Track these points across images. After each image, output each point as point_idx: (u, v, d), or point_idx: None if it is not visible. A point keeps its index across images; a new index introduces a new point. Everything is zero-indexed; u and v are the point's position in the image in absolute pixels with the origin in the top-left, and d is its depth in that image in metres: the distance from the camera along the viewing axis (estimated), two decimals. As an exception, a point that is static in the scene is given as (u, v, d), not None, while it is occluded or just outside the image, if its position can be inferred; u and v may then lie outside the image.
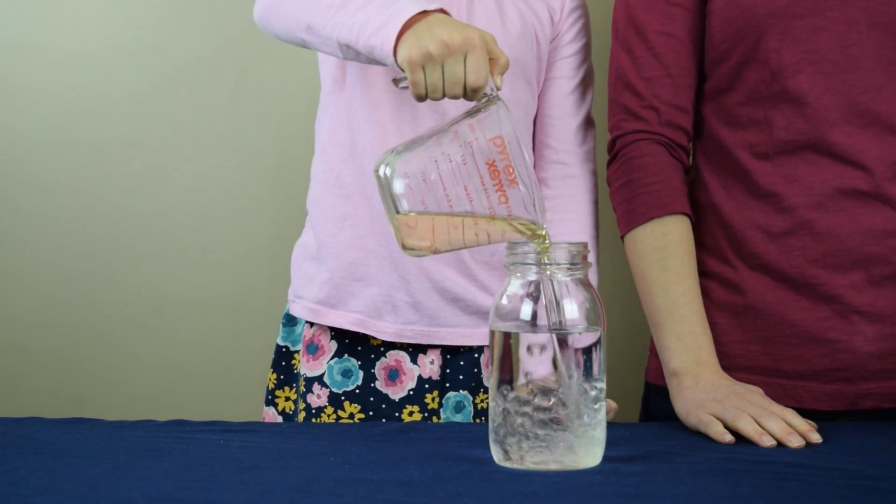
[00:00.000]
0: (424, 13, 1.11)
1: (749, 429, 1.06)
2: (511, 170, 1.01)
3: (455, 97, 1.09)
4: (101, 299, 1.84)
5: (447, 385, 1.37)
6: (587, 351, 0.95)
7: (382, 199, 1.05)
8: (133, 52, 1.83)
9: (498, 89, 1.08)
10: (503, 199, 1.01)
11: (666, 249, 1.24)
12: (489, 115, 1.04)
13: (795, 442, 1.04)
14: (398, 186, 1.02)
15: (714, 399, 1.12)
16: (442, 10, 1.12)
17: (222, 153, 1.82)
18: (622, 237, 1.30)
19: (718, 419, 1.09)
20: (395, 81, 1.12)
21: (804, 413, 1.13)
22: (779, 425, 1.06)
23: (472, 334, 1.36)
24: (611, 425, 1.03)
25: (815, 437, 1.05)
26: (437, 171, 1.02)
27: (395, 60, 1.10)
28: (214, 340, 1.84)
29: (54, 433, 1.10)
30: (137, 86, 1.83)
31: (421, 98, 1.10)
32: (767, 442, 1.04)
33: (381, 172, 1.03)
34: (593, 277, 1.35)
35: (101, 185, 1.84)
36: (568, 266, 0.95)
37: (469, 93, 1.08)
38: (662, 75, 1.28)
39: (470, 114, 1.05)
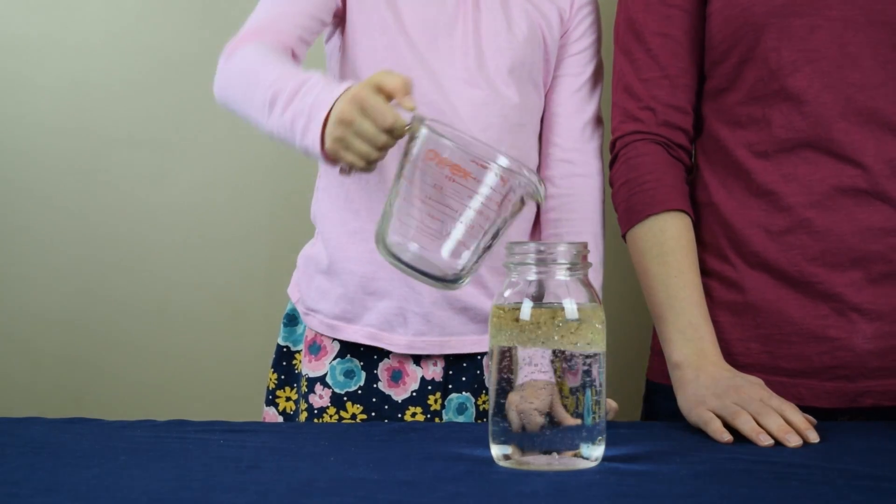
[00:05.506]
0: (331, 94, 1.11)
1: (747, 427, 1.06)
2: (458, 168, 1.02)
3: (387, 146, 1.07)
4: (101, 299, 1.84)
5: (450, 387, 1.37)
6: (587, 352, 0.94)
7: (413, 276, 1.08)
8: (134, 51, 1.83)
9: (411, 109, 1.07)
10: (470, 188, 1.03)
11: (664, 245, 1.24)
12: (418, 144, 1.05)
13: (793, 441, 1.04)
14: (413, 249, 1.06)
15: (714, 394, 1.12)
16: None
17: (223, 152, 1.82)
18: (623, 236, 1.30)
19: (718, 416, 1.09)
20: (341, 171, 1.14)
21: (804, 410, 1.13)
22: (777, 423, 1.06)
23: (479, 341, 1.35)
24: (611, 425, 1.03)
25: (813, 436, 1.05)
26: (424, 212, 1.04)
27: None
28: (214, 340, 1.84)
29: (54, 433, 1.10)
30: (138, 85, 1.83)
31: (368, 169, 1.10)
32: (765, 441, 1.04)
33: (394, 256, 1.07)
34: (598, 277, 1.35)
35: (100, 184, 1.84)
36: (568, 266, 0.95)
37: (390, 134, 1.06)
38: (660, 76, 1.29)
39: (405, 154, 1.06)
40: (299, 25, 1.28)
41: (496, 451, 0.96)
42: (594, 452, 0.94)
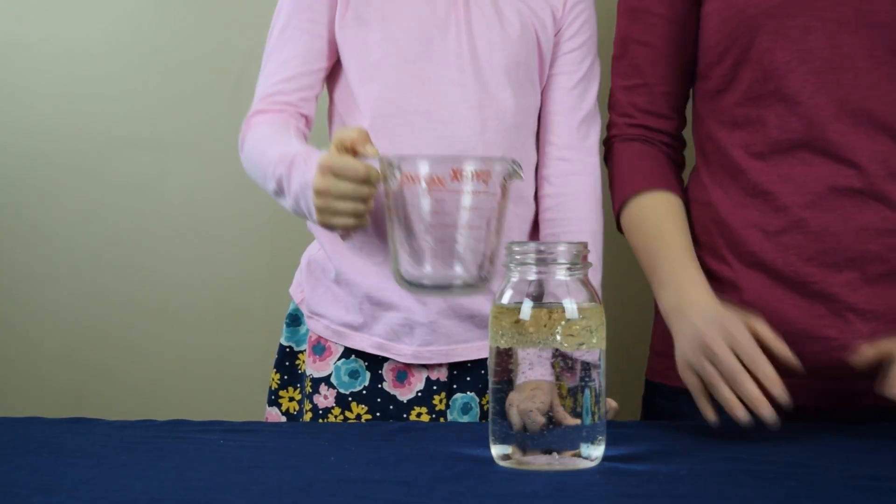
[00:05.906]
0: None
1: (725, 400, 1.09)
2: (434, 179, 1.06)
3: (370, 195, 1.13)
4: (102, 298, 1.84)
5: (455, 387, 1.37)
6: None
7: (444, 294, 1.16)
8: (133, 52, 1.83)
9: (374, 154, 1.12)
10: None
11: (644, 219, 1.29)
12: (393, 177, 1.08)
13: (765, 413, 1.06)
14: (428, 268, 1.09)
15: (692, 348, 1.14)
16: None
17: (223, 152, 1.82)
18: (619, 227, 1.34)
19: (700, 379, 1.12)
20: (342, 238, 1.25)
21: (801, 410, 1.13)
22: (749, 390, 1.07)
23: (485, 347, 1.35)
24: (611, 424, 1.03)
25: (778, 393, 1.06)
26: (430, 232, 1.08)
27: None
28: (216, 340, 1.84)
29: (54, 433, 1.10)
30: (138, 85, 1.83)
31: (361, 223, 1.16)
32: (742, 416, 1.07)
33: (417, 285, 1.11)
34: (597, 275, 1.35)
35: (101, 183, 1.84)
36: (567, 266, 0.95)
37: (368, 182, 1.12)
38: (639, 84, 1.34)
39: (386, 194, 1.10)
40: (299, 88, 1.34)
41: (496, 451, 0.96)
42: (594, 452, 0.95)
